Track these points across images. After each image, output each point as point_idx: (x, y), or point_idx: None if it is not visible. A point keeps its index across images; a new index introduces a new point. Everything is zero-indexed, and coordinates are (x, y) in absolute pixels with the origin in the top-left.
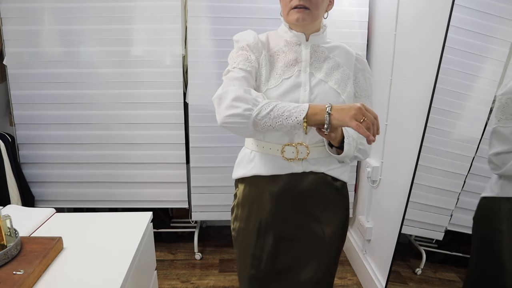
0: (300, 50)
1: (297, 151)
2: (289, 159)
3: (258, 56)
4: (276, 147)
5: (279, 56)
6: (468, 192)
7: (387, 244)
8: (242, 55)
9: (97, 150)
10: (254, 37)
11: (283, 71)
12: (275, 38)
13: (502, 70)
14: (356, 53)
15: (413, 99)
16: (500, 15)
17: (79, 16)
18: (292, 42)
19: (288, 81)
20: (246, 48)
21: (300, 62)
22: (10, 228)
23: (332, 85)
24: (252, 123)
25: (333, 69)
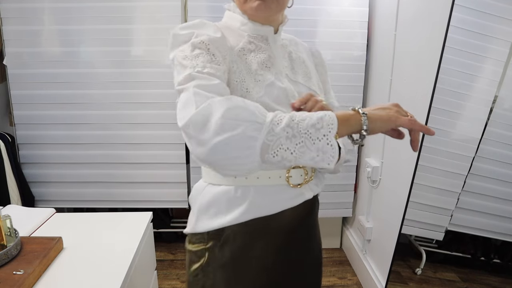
0: (269, 47)
1: (306, 171)
2: (297, 185)
3: (226, 57)
4: (278, 174)
5: (247, 56)
6: (468, 192)
7: (387, 244)
8: (202, 55)
9: (97, 150)
10: (215, 29)
11: (261, 75)
12: (228, 32)
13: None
14: (309, 45)
15: (413, 99)
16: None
17: (78, 16)
18: (256, 37)
19: (273, 88)
20: (206, 44)
21: (274, 63)
22: (10, 228)
23: (316, 90)
24: (260, 150)
25: (304, 68)
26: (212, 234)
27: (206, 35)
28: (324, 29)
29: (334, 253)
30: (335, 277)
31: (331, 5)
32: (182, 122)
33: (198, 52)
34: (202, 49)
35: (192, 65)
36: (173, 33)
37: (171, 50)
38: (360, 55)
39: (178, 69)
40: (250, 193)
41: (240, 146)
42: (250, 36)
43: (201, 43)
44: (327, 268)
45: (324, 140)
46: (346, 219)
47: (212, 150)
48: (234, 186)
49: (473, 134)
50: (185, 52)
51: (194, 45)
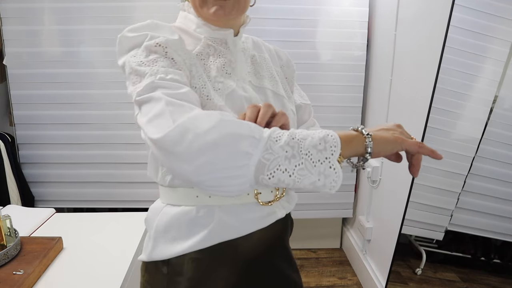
0: (229, 51)
1: (277, 188)
2: (267, 202)
3: (185, 61)
4: (244, 193)
5: (205, 61)
6: (468, 192)
7: (387, 244)
8: (160, 60)
9: (97, 150)
10: (170, 30)
11: (221, 83)
12: (184, 35)
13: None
14: (271, 45)
15: (413, 99)
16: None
17: (78, 16)
18: (215, 40)
19: (234, 98)
20: (163, 47)
21: (235, 69)
22: (10, 228)
23: (283, 94)
24: (255, 169)
25: (270, 71)
26: (172, 261)
27: (162, 37)
28: (324, 29)
29: (334, 253)
30: (335, 277)
31: (331, 5)
32: (157, 136)
33: (155, 57)
34: (159, 53)
35: (152, 72)
36: (120, 36)
37: (119, 56)
38: (360, 55)
39: (132, 78)
40: (214, 213)
41: (231, 165)
42: (208, 39)
43: (157, 46)
44: (327, 268)
45: (326, 163)
46: (346, 219)
47: (198, 169)
48: (196, 206)
49: (473, 134)
50: (139, 58)
51: (148, 49)
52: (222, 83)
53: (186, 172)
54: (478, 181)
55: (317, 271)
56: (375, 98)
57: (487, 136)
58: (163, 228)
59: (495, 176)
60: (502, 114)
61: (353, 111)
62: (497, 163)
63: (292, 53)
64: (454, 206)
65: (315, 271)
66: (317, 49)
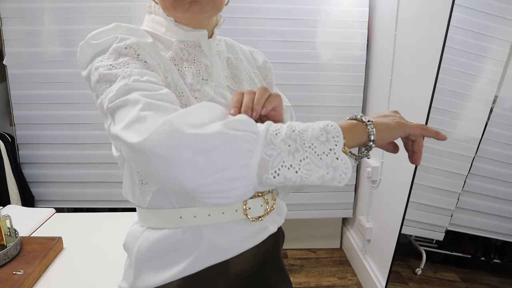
0: (203, 55)
1: (266, 201)
2: (258, 217)
3: (160, 65)
4: (233, 208)
5: (180, 66)
6: (468, 192)
7: (387, 244)
8: (133, 62)
9: (97, 150)
10: (141, 32)
11: (198, 91)
12: (159, 37)
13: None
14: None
15: (413, 99)
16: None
17: (78, 16)
18: (188, 43)
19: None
20: (134, 49)
21: (212, 74)
22: (10, 228)
23: None
24: (258, 168)
25: (248, 73)
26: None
27: (133, 38)
28: (324, 29)
29: (334, 253)
30: (335, 277)
31: (331, 5)
32: (138, 139)
33: (125, 59)
34: (130, 56)
35: (125, 74)
36: (82, 45)
37: (83, 66)
38: (360, 55)
39: (101, 85)
40: (202, 235)
41: (232, 165)
42: (180, 42)
43: (127, 48)
44: (327, 268)
45: (332, 155)
46: (346, 219)
47: (193, 172)
48: (180, 228)
49: (473, 134)
50: (107, 62)
51: (118, 51)
52: (199, 91)
53: (178, 178)
54: (478, 181)
55: (317, 271)
56: (375, 98)
57: (487, 136)
58: (145, 255)
59: (495, 176)
60: (502, 114)
61: (353, 111)
62: (497, 163)
63: (292, 53)
64: (454, 206)
65: (315, 271)
66: (317, 49)
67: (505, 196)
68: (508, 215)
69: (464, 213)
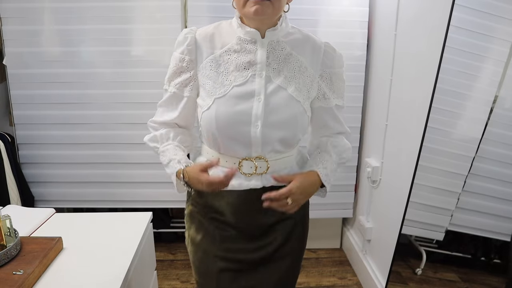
0: (255, 50)
1: (256, 166)
2: (247, 174)
3: (195, 66)
4: (232, 161)
5: (231, 56)
6: (468, 192)
7: (387, 244)
8: (172, 69)
9: (97, 150)
10: (185, 45)
11: (235, 76)
12: (227, 32)
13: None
14: (325, 44)
15: (413, 99)
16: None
17: (79, 16)
18: (246, 40)
19: (240, 88)
20: (178, 59)
21: (255, 65)
22: (10, 228)
23: (291, 92)
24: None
25: (294, 70)
26: (189, 193)
27: (178, 50)
28: (324, 29)
29: (334, 253)
30: (335, 277)
31: (331, 5)
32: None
33: (171, 66)
34: (174, 62)
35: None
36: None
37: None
38: (360, 55)
39: None
40: (213, 169)
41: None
42: (240, 38)
43: (174, 58)
44: (327, 268)
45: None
46: (346, 219)
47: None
48: (206, 160)
49: (473, 134)
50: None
51: (173, 58)
52: (235, 75)
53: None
54: (478, 181)
55: (317, 271)
56: (375, 98)
57: (487, 136)
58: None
59: (495, 176)
60: (502, 114)
61: (353, 111)
62: (497, 163)
63: None
64: (454, 206)
65: (315, 271)
66: None
67: (505, 196)
68: (508, 215)
69: (464, 213)
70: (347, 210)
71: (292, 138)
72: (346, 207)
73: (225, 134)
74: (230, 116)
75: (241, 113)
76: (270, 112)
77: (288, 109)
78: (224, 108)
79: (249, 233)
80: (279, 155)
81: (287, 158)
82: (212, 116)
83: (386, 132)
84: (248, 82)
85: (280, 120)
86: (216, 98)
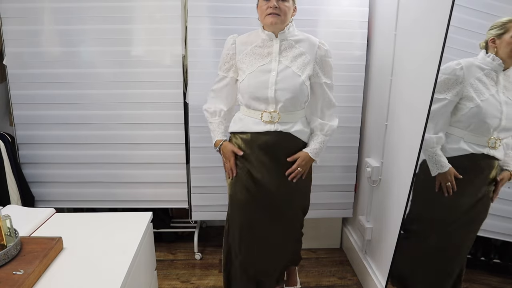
0: (272, 45)
1: (271, 116)
2: (265, 121)
3: (234, 57)
4: (257, 113)
5: (257, 49)
6: None
7: (387, 244)
8: (222, 60)
9: (97, 150)
10: (230, 44)
11: (259, 60)
12: (255, 35)
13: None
14: (320, 42)
15: (413, 99)
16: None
17: (79, 16)
18: (266, 39)
19: (263, 67)
20: (225, 54)
21: (272, 53)
22: (10, 228)
23: (294, 70)
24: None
25: (296, 57)
26: (231, 133)
27: (225, 49)
28: (324, 29)
29: (334, 253)
30: (335, 277)
31: (331, 5)
32: None
33: (222, 56)
34: (223, 55)
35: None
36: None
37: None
38: (360, 55)
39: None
40: (245, 119)
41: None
42: (263, 39)
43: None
44: (327, 268)
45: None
46: (346, 219)
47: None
48: (242, 114)
49: None
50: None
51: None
52: (259, 60)
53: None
54: None
55: (317, 271)
56: (375, 98)
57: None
58: (233, 120)
59: None
60: None
61: (353, 111)
62: None
63: None
64: None
65: (315, 271)
66: None
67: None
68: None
69: None
70: (347, 210)
71: (295, 99)
72: (346, 207)
73: (253, 95)
74: (256, 84)
75: (263, 82)
76: (280, 81)
77: (292, 80)
78: (252, 79)
79: (268, 164)
80: (287, 111)
81: (292, 115)
82: (245, 84)
83: (386, 132)
84: (267, 64)
85: (286, 87)
86: (248, 74)
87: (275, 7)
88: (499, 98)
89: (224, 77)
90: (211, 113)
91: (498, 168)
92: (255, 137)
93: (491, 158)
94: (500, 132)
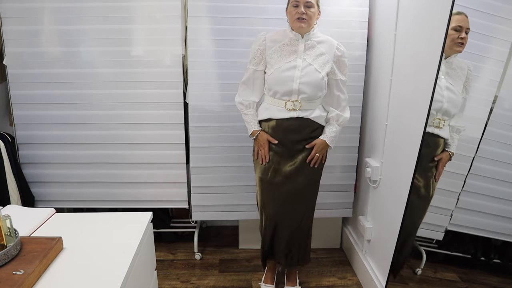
0: (298, 44)
1: (294, 104)
2: (289, 109)
3: (264, 52)
4: (282, 102)
5: (285, 47)
6: (468, 192)
7: (387, 244)
8: (252, 55)
9: (97, 150)
10: (261, 41)
11: (286, 57)
12: (283, 34)
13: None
14: (338, 44)
15: (413, 99)
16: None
17: (79, 16)
18: (293, 38)
19: (289, 63)
20: (255, 49)
21: (297, 52)
22: (10, 228)
23: (316, 67)
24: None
25: (318, 56)
26: (260, 120)
27: (256, 45)
28: (324, 29)
29: (334, 253)
30: (335, 277)
31: (331, 5)
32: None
33: (252, 52)
34: (253, 52)
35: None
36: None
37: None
38: (360, 55)
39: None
40: (271, 108)
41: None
42: (290, 38)
43: (253, 49)
44: (327, 268)
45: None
46: (346, 219)
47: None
48: (267, 103)
49: (473, 134)
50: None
51: (252, 49)
52: (286, 58)
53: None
54: (478, 181)
55: (317, 271)
56: (375, 98)
57: (487, 136)
58: (260, 109)
59: (495, 176)
60: (502, 114)
61: (353, 111)
62: (497, 163)
63: None
64: (454, 206)
65: (315, 271)
66: None
67: (505, 196)
68: (508, 215)
69: (464, 213)
70: (347, 210)
71: (314, 91)
72: (346, 207)
73: (279, 86)
74: (282, 77)
75: (288, 76)
76: (303, 76)
77: (313, 75)
78: (279, 73)
79: (288, 147)
80: (307, 100)
81: (311, 103)
82: (273, 77)
83: (386, 132)
84: (293, 61)
85: (308, 81)
86: (276, 68)
87: (303, 13)
88: (441, 83)
89: (254, 71)
90: (246, 105)
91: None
92: (280, 123)
93: (435, 136)
94: (444, 114)
